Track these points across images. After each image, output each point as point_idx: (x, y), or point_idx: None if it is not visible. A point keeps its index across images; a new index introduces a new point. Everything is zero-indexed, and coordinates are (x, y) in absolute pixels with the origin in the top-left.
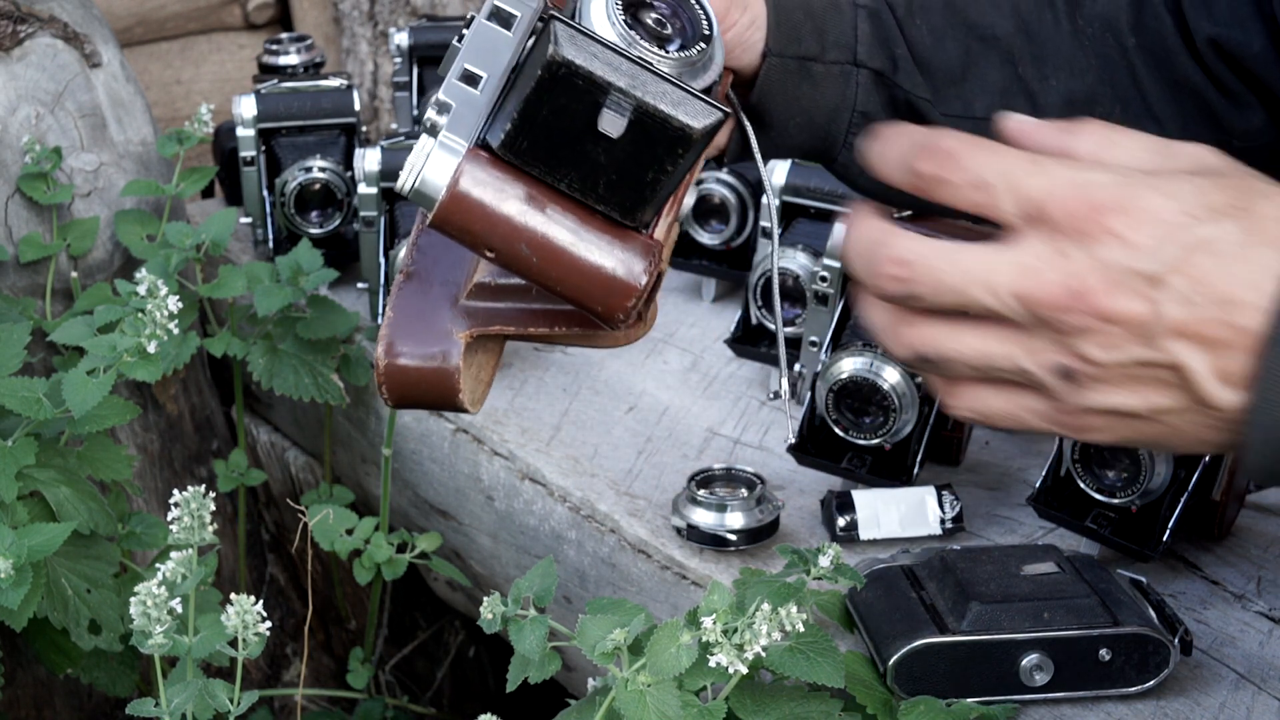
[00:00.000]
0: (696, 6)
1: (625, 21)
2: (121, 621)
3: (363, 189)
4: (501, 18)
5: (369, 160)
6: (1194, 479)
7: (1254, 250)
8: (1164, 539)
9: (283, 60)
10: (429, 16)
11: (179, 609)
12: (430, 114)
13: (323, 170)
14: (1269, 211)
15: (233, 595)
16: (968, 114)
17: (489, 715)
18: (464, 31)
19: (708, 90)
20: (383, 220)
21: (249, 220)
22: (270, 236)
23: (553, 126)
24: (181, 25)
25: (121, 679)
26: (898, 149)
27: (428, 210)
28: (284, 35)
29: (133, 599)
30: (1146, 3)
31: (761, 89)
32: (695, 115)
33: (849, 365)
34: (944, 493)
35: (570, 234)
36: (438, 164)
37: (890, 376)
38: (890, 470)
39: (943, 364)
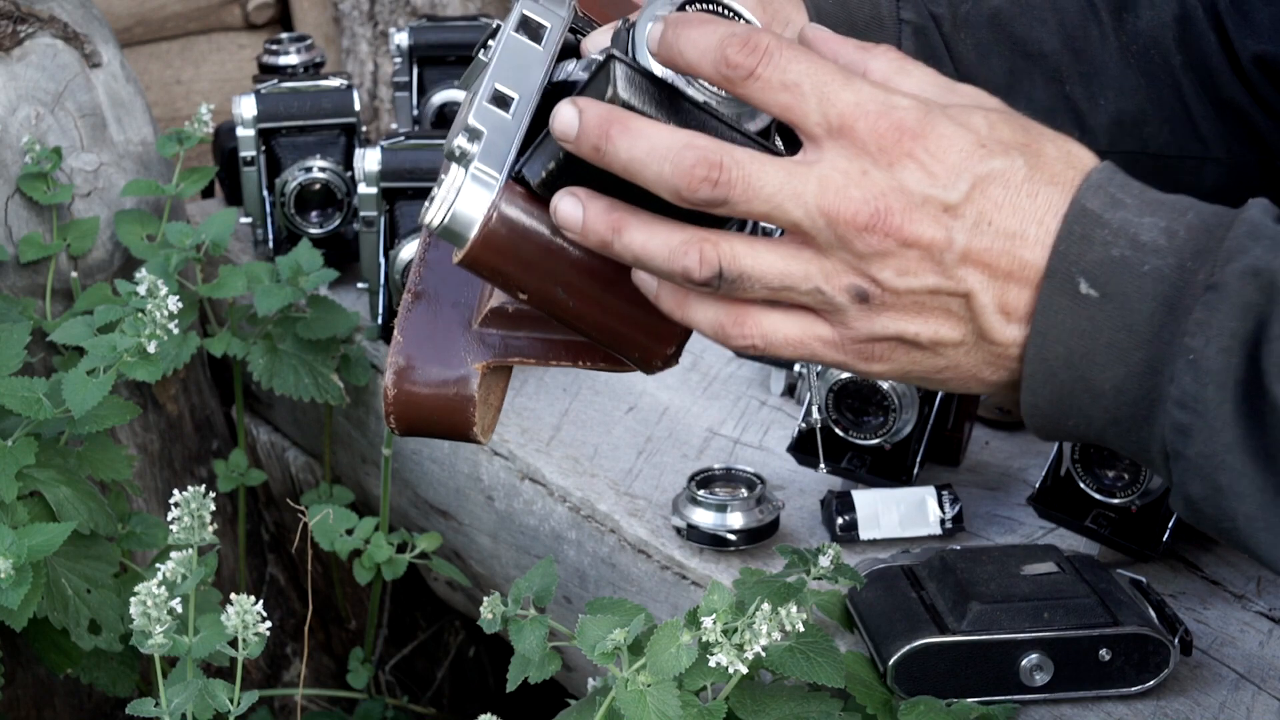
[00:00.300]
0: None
1: None
2: (121, 621)
3: (363, 189)
4: (531, 29)
5: (369, 160)
6: None
7: (1040, 186)
8: (1164, 539)
9: (283, 60)
10: (429, 16)
11: (179, 609)
12: (460, 141)
13: (323, 170)
14: (1051, 151)
15: (233, 595)
16: None
17: (489, 715)
18: (489, 42)
19: (764, 132)
20: (383, 220)
21: (249, 220)
22: (270, 236)
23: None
24: (181, 25)
25: (121, 679)
26: (709, 36)
27: (458, 248)
28: (284, 35)
29: (133, 599)
30: (1191, 19)
31: None
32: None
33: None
34: (944, 493)
35: (610, 279)
36: (470, 198)
37: None
38: (890, 470)
39: (741, 282)
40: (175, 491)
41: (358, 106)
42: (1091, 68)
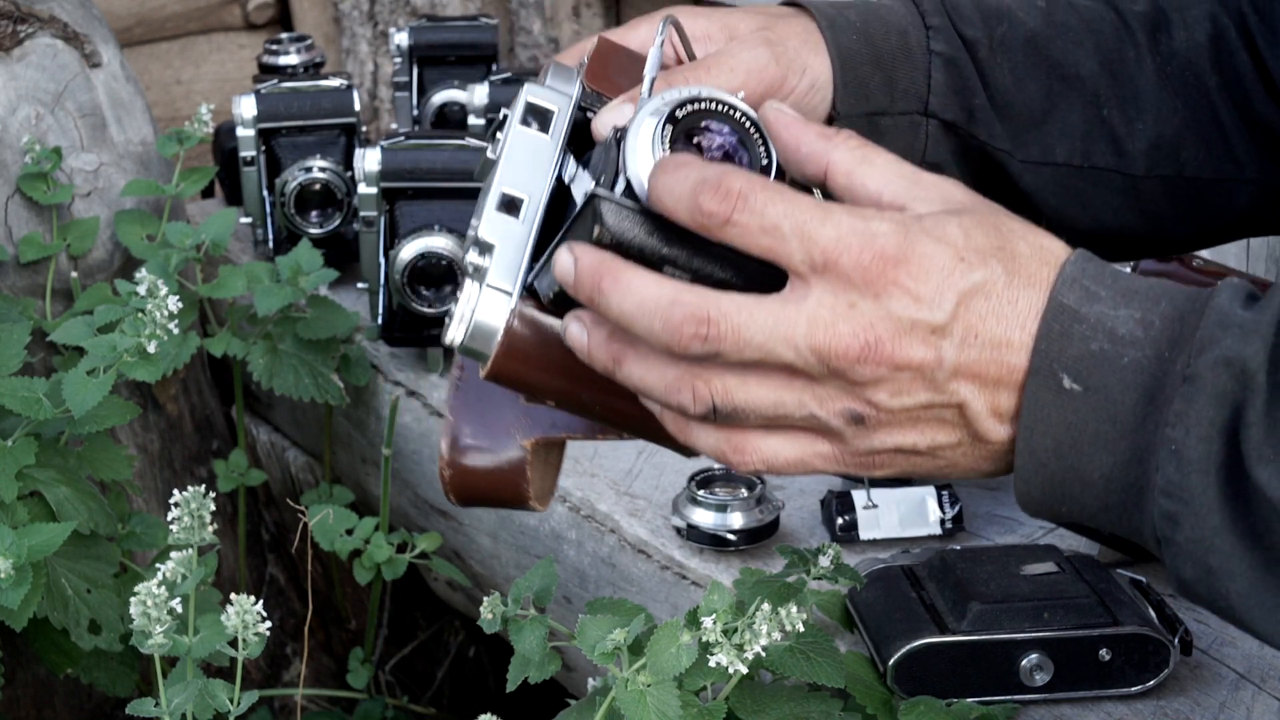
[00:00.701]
0: (754, 132)
1: None
2: (121, 621)
3: (363, 189)
4: (537, 116)
5: (369, 160)
6: None
7: (1019, 290)
8: None
9: (283, 60)
10: (429, 16)
11: (179, 609)
12: (472, 256)
13: (323, 170)
14: (1025, 250)
15: (233, 595)
16: (1048, 159)
17: (489, 715)
18: (497, 135)
19: None
20: (383, 220)
21: (249, 220)
22: (270, 236)
23: None
24: (181, 25)
25: (121, 679)
26: (683, 183)
27: (481, 364)
28: (284, 35)
29: (133, 599)
30: (1224, 39)
31: None
32: (755, 283)
33: None
34: (944, 493)
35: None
36: (487, 316)
37: None
38: None
39: (736, 414)
40: (175, 491)
41: (358, 106)
42: (1129, 91)
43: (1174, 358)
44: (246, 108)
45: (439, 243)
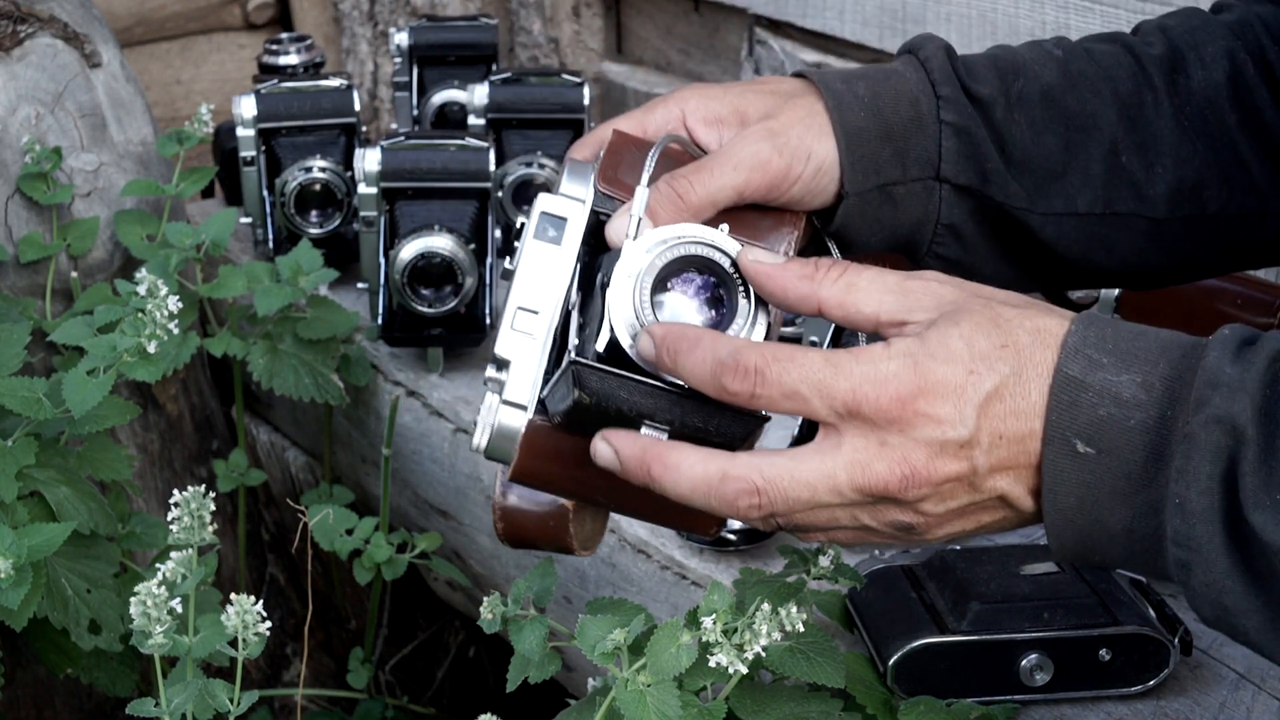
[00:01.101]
0: (735, 272)
1: (648, 319)
2: (121, 621)
3: (363, 189)
4: (552, 226)
5: (369, 160)
6: None
7: (1029, 383)
8: None
9: (283, 60)
10: (429, 16)
11: (179, 609)
12: (490, 371)
13: (323, 170)
14: (1025, 340)
15: (233, 595)
16: (1069, 210)
17: (489, 715)
18: (515, 244)
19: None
20: (383, 220)
21: (249, 220)
22: (270, 236)
23: (603, 424)
24: (181, 25)
25: (121, 679)
26: (703, 364)
27: (505, 467)
28: (284, 35)
29: (133, 599)
30: (1242, 75)
31: (841, 221)
32: (730, 425)
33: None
34: None
35: (641, 490)
36: (505, 426)
37: None
38: None
39: (794, 528)
40: (175, 491)
41: (358, 106)
42: (1147, 136)
43: (1174, 416)
44: (246, 108)
45: (439, 243)
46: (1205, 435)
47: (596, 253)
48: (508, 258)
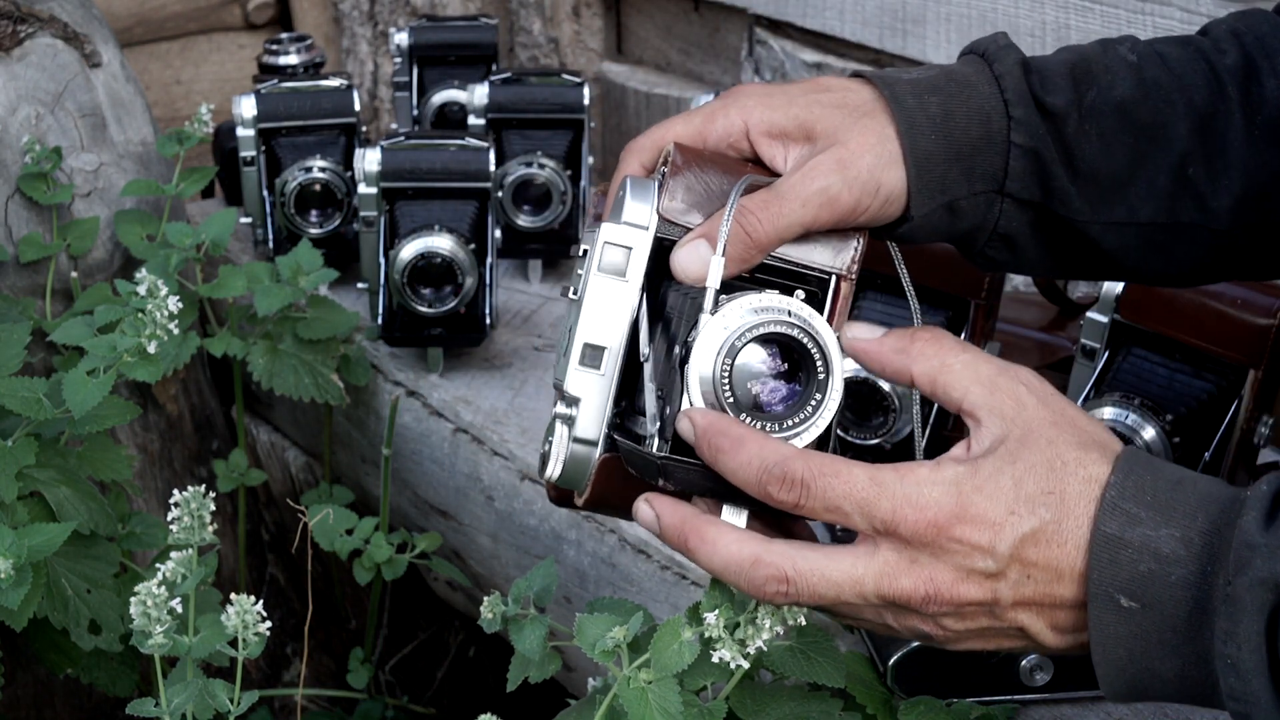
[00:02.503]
0: (811, 345)
1: (730, 404)
2: (121, 621)
3: (363, 189)
4: (616, 257)
5: (369, 160)
6: None
7: (1067, 532)
8: None
9: (283, 60)
10: (429, 16)
11: (179, 609)
12: (560, 407)
13: (323, 170)
14: (1073, 489)
15: (233, 595)
16: (1131, 219)
17: (489, 715)
18: (578, 273)
19: (823, 440)
20: (383, 220)
21: (249, 220)
22: (270, 236)
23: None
24: (181, 25)
25: (121, 679)
26: (748, 468)
27: (578, 495)
28: (284, 35)
29: (133, 599)
30: None
31: (901, 233)
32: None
33: (849, 366)
34: None
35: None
36: (576, 459)
37: None
38: None
39: (819, 609)
40: (175, 491)
41: (358, 106)
42: (1217, 149)
43: (1215, 572)
44: (246, 108)
45: (439, 243)
46: (1250, 597)
47: (660, 277)
48: (571, 287)
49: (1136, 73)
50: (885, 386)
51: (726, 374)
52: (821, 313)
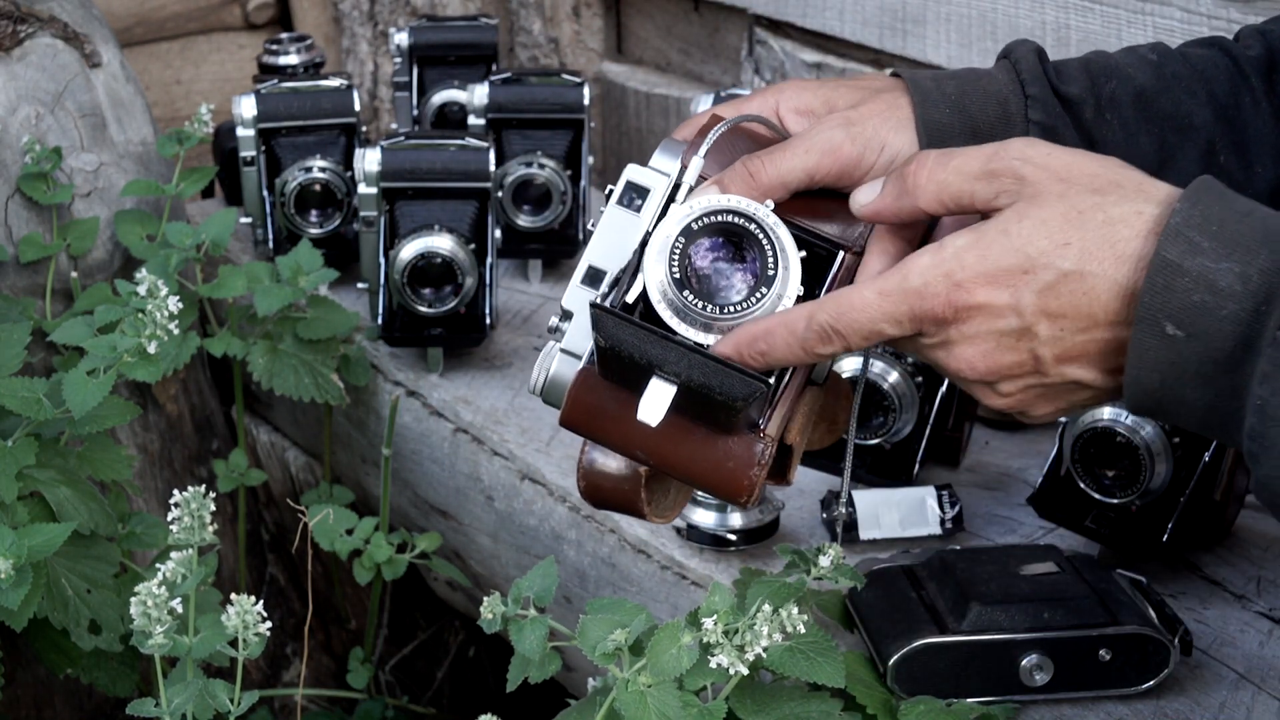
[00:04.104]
0: (764, 240)
1: (676, 280)
2: (121, 621)
3: (363, 189)
4: (634, 195)
5: (369, 160)
6: (1194, 479)
7: (1094, 277)
8: (1164, 539)
9: (283, 60)
10: (429, 16)
11: (179, 609)
12: (554, 320)
13: (323, 170)
14: (1094, 234)
15: (233, 595)
16: None
17: (489, 715)
18: (601, 210)
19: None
20: (383, 220)
21: (249, 220)
22: (270, 236)
23: (625, 373)
24: (181, 25)
25: (121, 679)
26: (792, 346)
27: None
28: (284, 35)
29: (133, 599)
30: None
31: None
32: (734, 387)
33: (849, 365)
34: (944, 493)
35: (675, 443)
36: (560, 373)
37: (890, 376)
38: (890, 470)
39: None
40: (175, 491)
41: (358, 106)
42: (1246, 136)
43: (1269, 312)
44: (246, 108)
45: (439, 243)
46: None
47: None
48: (591, 221)
49: (1156, 68)
50: (885, 386)
51: (678, 254)
52: (823, 284)
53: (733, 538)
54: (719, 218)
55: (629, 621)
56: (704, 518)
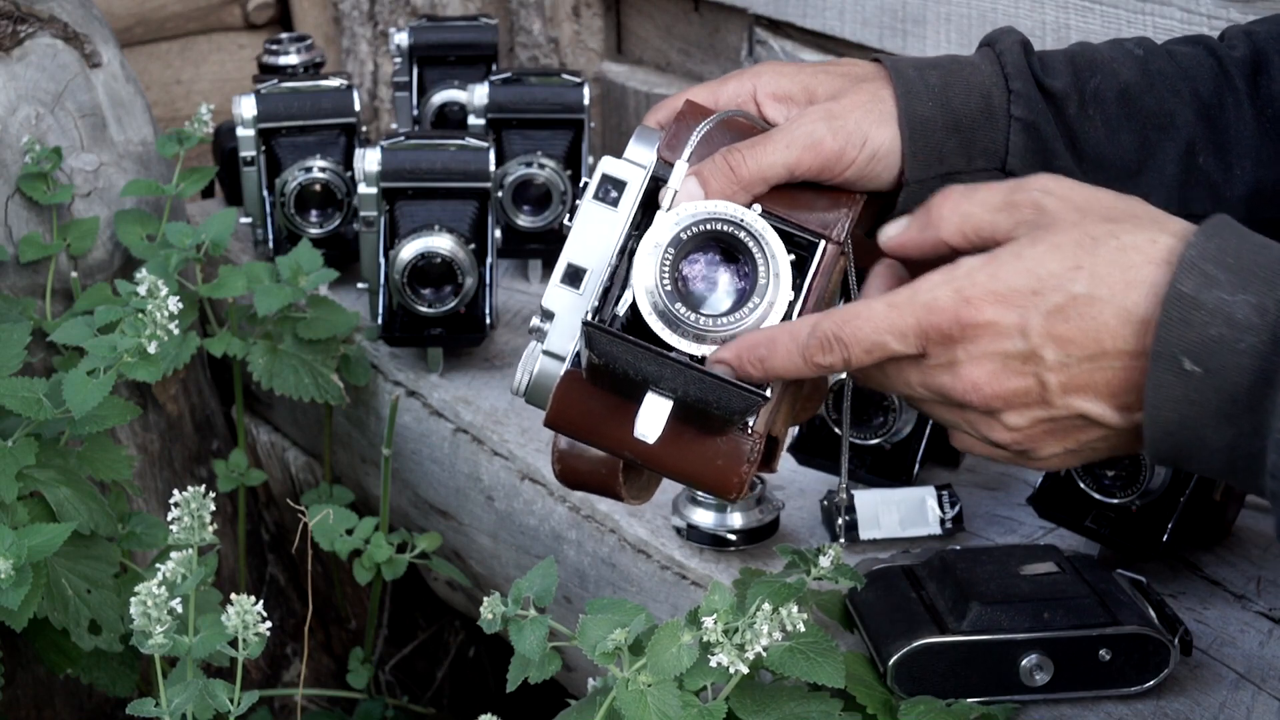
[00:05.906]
0: (755, 248)
1: (667, 292)
2: (121, 621)
3: (363, 189)
4: (610, 189)
5: (369, 160)
6: (1194, 479)
7: (1103, 302)
8: (1164, 539)
9: (283, 60)
10: (429, 16)
11: (179, 609)
12: (535, 320)
13: (323, 170)
14: (1106, 259)
15: (233, 595)
16: None
17: (489, 715)
18: (577, 203)
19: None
20: (383, 220)
21: (249, 220)
22: (270, 236)
23: (619, 385)
24: (181, 25)
25: (121, 679)
26: (791, 356)
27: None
28: (284, 35)
29: (133, 599)
30: None
31: (902, 205)
32: (730, 401)
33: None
34: (944, 493)
35: (664, 443)
36: (544, 375)
37: None
38: (890, 470)
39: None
40: (175, 491)
41: (358, 106)
42: (1227, 138)
43: None
44: (246, 108)
45: (439, 243)
46: None
47: (651, 217)
48: (567, 215)
49: (1141, 64)
50: None
51: (668, 265)
52: (804, 276)
53: (733, 538)
54: (709, 226)
55: (629, 621)
56: (704, 518)
